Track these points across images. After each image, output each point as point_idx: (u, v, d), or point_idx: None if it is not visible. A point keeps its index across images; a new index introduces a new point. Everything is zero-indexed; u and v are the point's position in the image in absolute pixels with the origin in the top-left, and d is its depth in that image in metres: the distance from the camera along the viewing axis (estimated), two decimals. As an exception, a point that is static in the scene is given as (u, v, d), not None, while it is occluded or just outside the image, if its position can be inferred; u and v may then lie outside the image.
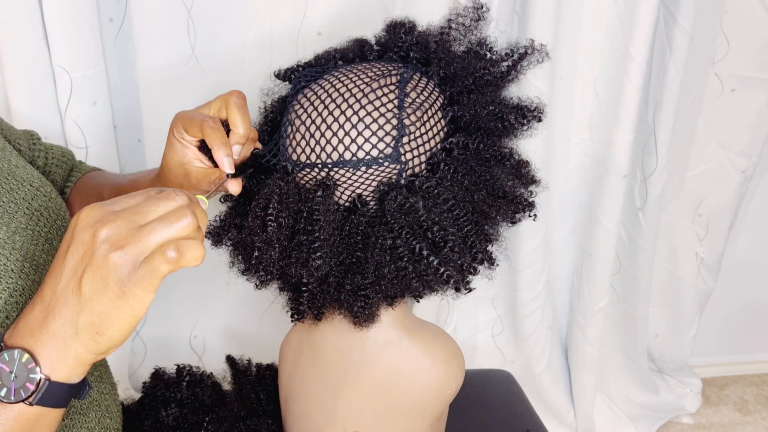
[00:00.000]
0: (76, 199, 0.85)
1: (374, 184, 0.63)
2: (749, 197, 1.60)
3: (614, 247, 1.45)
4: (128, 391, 1.35)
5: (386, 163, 0.62)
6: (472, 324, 1.60)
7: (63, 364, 0.50)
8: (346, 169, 0.62)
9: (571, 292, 1.60)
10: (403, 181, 0.63)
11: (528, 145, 0.71)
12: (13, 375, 0.49)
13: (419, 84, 0.65)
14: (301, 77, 0.68)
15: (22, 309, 0.57)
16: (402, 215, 0.61)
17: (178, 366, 0.91)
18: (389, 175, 0.63)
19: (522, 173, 0.68)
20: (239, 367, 0.93)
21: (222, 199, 0.73)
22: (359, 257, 0.62)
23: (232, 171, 0.63)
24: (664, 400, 1.69)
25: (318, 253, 0.60)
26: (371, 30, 0.75)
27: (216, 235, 0.69)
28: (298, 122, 0.65)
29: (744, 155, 1.46)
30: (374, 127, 0.62)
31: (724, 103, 1.43)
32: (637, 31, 1.24)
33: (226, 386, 0.93)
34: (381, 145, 0.62)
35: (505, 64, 0.69)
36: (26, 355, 0.49)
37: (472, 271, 0.64)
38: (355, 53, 0.70)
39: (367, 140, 0.62)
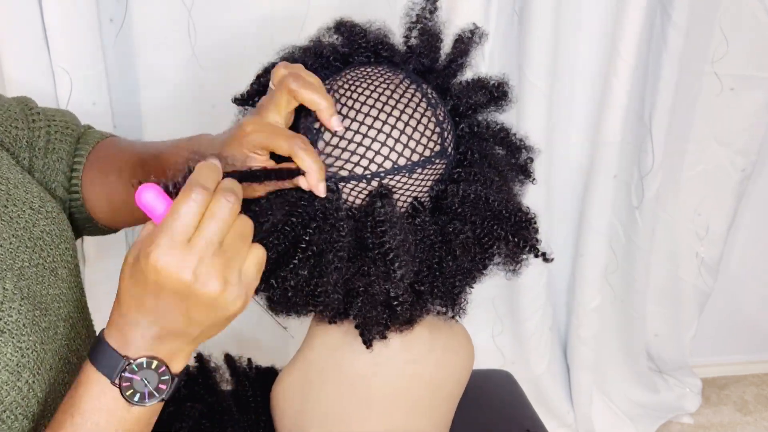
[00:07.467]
0: (92, 175, 0.76)
1: (429, 183, 0.63)
2: (748, 196, 1.60)
3: (604, 248, 1.46)
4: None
5: (437, 160, 0.63)
6: (473, 324, 1.60)
7: (180, 366, 0.55)
8: (402, 174, 0.61)
9: (568, 293, 1.61)
10: (455, 175, 0.64)
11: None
12: (144, 381, 0.53)
13: (417, 80, 0.66)
14: None
15: (35, 368, 0.58)
16: (469, 204, 0.61)
17: None
18: (440, 171, 0.63)
19: (514, 145, 0.70)
20: (237, 367, 0.93)
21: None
22: (440, 257, 0.62)
23: (324, 195, 0.59)
24: (664, 399, 1.69)
25: (396, 264, 0.59)
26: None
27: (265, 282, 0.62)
28: (329, 134, 0.62)
29: (743, 154, 1.46)
30: (420, 128, 0.62)
31: (724, 102, 1.43)
32: (627, 30, 1.25)
33: (225, 385, 0.93)
34: (431, 144, 0.62)
35: (459, 47, 0.69)
36: (155, 362, 0.53)
37: (536, 241, 0.67)
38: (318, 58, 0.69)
39: (418, 142, 0.62)
